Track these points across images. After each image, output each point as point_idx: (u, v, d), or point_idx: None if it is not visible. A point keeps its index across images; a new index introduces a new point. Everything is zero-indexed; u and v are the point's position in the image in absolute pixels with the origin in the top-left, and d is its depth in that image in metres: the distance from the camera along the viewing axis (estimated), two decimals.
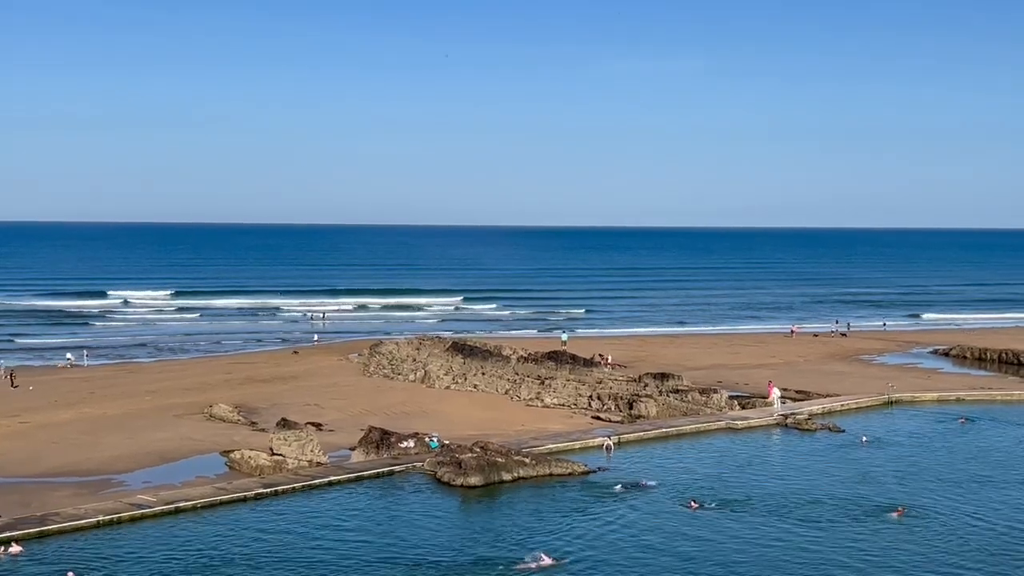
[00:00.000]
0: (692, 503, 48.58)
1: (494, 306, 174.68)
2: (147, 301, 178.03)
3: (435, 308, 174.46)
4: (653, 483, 53.02)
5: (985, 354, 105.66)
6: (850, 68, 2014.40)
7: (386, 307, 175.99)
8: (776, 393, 75.21)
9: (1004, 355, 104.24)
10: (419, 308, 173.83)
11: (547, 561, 40.52)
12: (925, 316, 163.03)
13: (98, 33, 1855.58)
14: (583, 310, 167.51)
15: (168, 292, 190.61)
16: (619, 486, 52.41)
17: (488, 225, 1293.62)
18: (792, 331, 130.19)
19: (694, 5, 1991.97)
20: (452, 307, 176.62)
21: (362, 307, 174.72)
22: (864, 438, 64.42)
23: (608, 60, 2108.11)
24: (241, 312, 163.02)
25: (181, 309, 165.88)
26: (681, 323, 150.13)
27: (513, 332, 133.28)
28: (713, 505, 48.40)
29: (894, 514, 47.37)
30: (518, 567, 40.20)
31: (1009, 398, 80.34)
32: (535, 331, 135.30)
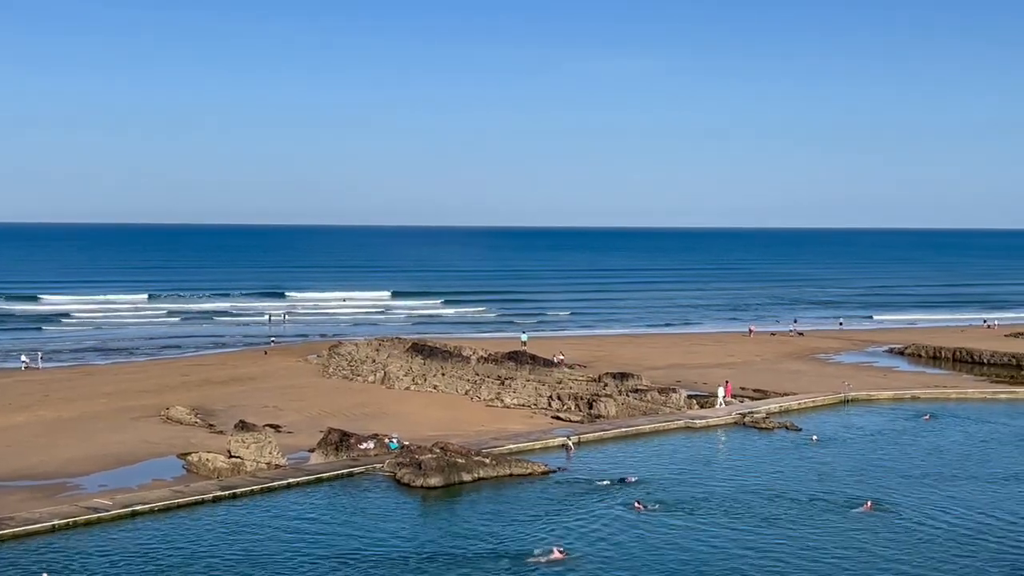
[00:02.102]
0: (636, 504, 48.71)
1: (473, 309, 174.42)
2: (99, 303, 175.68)
3: (396, 309, 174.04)
4: (636, 478, 53.77)
5: (940, 353, 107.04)
6: (819, 68, 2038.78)
7: (347, 308, 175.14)
8: (720, 393, 75.80)
9: (958, 353, 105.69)
10: (383, 310, 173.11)
11: (556, 555, 41.12)
12: (882, 316, 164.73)
13: (47, 33, 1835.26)
14: (567, 312, 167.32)
15: (123, 294, 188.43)
16: (606, 481, 53.00)
17: (452, 226, 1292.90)
18: (750, 330, 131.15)
19: (652, 5, 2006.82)
20: (413, 308, 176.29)
21: (322, 308, 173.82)
22: (815, 437, 65.06)
23: (571, 62, 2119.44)
24: (199, 313, 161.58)
25: (136, 311, 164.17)
26: (640, 323, 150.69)
27: (477, 334, 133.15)
28: (657, 506, 48.37)
29: (862, 509, 48.08)
30: (528, 560, 40.68)
31: (963, 396, 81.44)
32: (496, 333, 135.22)
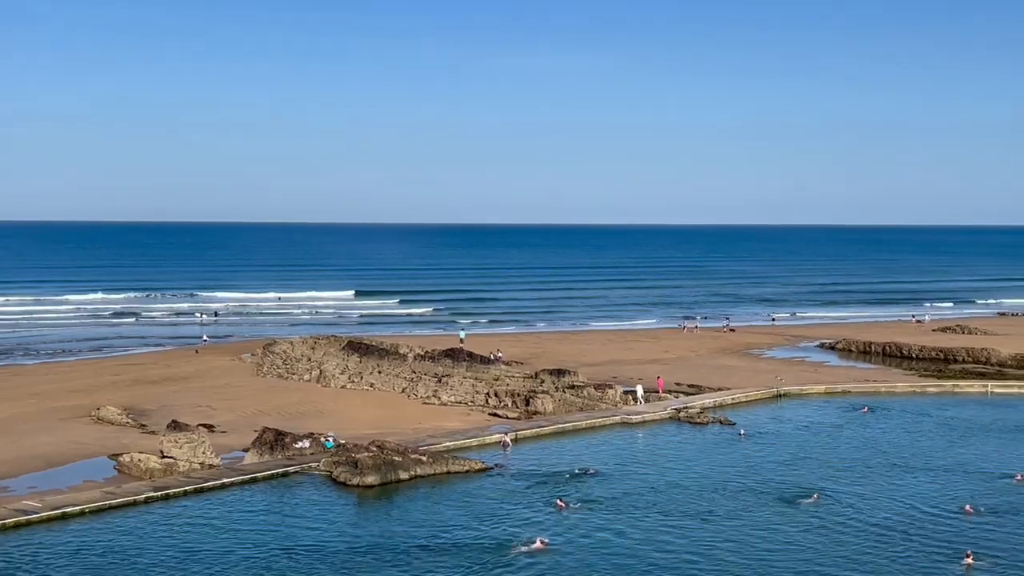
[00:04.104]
0: (559, 502, 48.66)
1: (413, 308, 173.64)
2: (25, 303, 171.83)
3: (330, 304, 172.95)
4: (597, 469, 54.73)
5: (870, 347, 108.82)
6: (764, 66, 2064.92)
7: (282, 305, 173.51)
8: (639, 391, 76.33)
9: (887, 348, 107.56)
10: (314, 310, 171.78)
11: (539, 545, 41.77)
12: (813, 312, 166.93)
13: None
14: (507, 310, 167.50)
15: (43, 292, 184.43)
16: (568, 475, 53.62)
17: (388, 223, 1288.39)
18: (684, 327, 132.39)
19: (598, 4, 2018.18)
20: (348, 303, 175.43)
21: (256, 306, 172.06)
22: (742, 431, 65.89)
23: (512, 57, 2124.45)
24: (128, 312, 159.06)
25: (64, 310, 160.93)
26: (579, 320, 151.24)
27: (421, 332, 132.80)
28: (580, 504, 48.48)
29: (810, 500, 49.06)
30: (512, 551, 41.29)
31: (893, 390, 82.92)
32: (440, 330, 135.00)
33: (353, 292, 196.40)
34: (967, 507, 48.03)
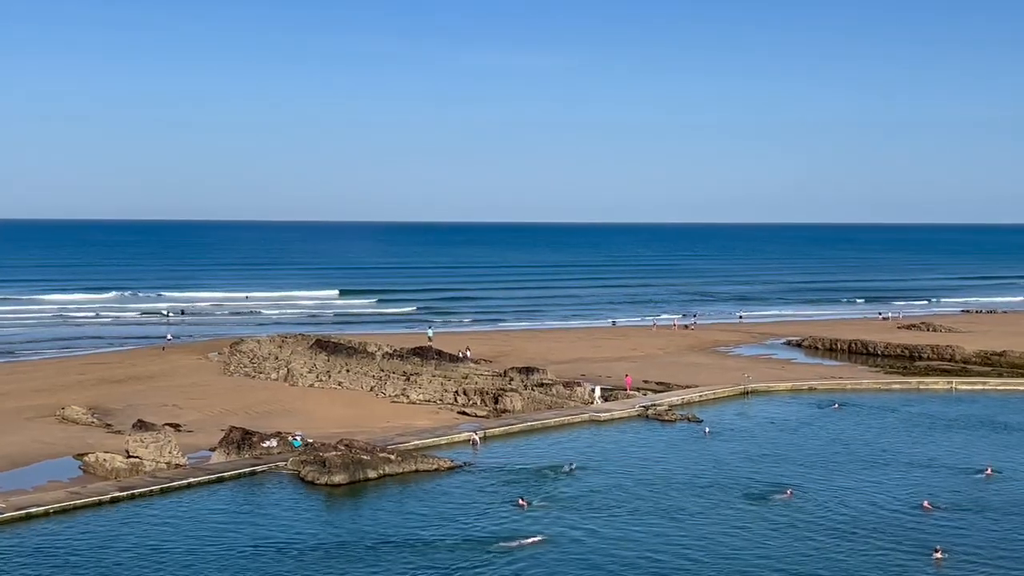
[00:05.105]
0: (521, 500, 48.60)
1: (403, 309, 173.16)
2: None
3: (301, 304, 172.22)
4: (575, 465, 55.17)
5: (835, 344, 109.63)
6: (722, 64, 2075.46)
7: (250, 305, 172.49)
8: (598, 392, 76.51)
9: (853, 345, 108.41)
10: (281, 308, 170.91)
11: (529, 540, 42.16)
12: (781, 310, 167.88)
13: None
14: (479, 309, 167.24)
15: (10, 292, 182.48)
16: (546, 472, 53.90)
17: (358, 221, 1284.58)
18: (654, 326, 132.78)
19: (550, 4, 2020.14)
20: (323, 302, 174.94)
21: (225, 304, 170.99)
22: (707, 429, 66.17)
23: (492, 56, 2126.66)
24: (92, 310, 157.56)
25: (29, 308, 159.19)
26: (547, 317, 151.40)
27: (394, 330, 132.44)
28: (544, 503, 48.37)
29: (783, 496, 49.45)
30: (502, 545, 41.62)
31: (858, 387, 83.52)
32: (406, 328, 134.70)
33: (337, 292, 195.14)
34: (924, 503, 48.49)
